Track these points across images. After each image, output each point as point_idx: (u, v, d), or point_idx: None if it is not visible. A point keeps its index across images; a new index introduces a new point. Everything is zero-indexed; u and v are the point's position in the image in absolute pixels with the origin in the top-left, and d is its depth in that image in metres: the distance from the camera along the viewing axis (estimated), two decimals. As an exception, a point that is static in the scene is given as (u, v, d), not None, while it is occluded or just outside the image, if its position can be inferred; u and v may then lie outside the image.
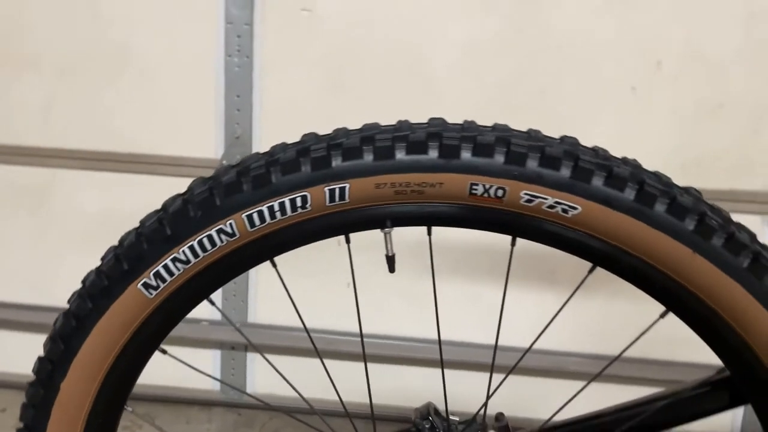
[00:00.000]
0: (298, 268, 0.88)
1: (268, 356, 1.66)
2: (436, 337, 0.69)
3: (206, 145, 1.58)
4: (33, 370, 0.62)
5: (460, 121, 0.56)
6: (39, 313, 1.61)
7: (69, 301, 0.60)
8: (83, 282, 0.59)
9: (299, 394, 0.78)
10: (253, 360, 1.71)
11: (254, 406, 1.66)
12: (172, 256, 0.55)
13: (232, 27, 1.52)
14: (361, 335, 0.69)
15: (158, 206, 0.59)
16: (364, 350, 0.68)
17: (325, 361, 0.75)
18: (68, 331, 0.58)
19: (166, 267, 0.56)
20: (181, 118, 1.57)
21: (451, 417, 0.68)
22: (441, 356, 0.67)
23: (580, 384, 0.69)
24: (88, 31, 1.53)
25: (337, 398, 0.74)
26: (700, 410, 0.65)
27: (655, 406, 0.66)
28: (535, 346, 0.69)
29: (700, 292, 0.54)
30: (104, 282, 0.57)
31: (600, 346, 1.52)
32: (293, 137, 0.60)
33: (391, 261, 0.59)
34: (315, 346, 0.74)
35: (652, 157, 0.70)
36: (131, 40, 1.53)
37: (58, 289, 0.72)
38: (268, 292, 1.64)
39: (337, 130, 0.57)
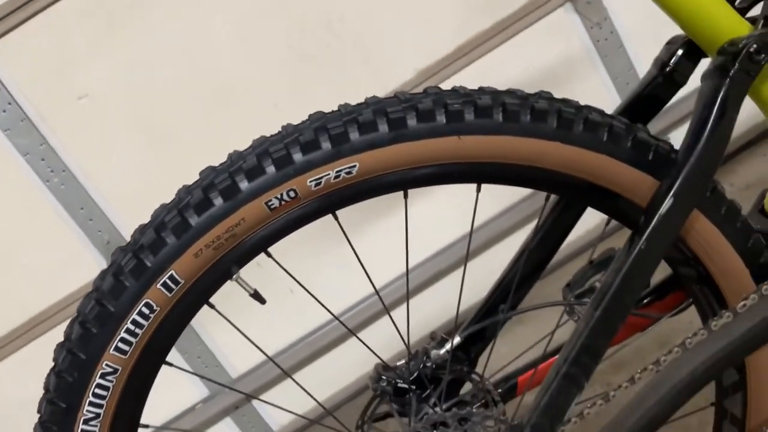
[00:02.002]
0: (240, 303, 0.93)
1: (268, 393, 1.73)
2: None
3: (89, 266, 1.57)
4: None
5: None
6: None
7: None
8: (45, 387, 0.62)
9: (310, 395, 0.81)
10: (260, 405, 1.76)
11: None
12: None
13: (30, 156, 1.48)
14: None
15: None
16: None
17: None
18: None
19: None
20: (51, 261, 1.54)
21: (397, 364, 0.76)
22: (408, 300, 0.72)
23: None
24: None
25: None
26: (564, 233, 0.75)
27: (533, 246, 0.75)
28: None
29: (536, 163, 0.61)
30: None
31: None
32: (150, 204, 0.62)
33: (257, 296, 0.63)
34: (280, 366, 0.79)
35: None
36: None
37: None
38: (231, 345, 1.67)
39: (133, 236, 0.60)
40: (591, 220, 0.78)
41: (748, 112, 0.63)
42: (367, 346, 0.77)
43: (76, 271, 1.55)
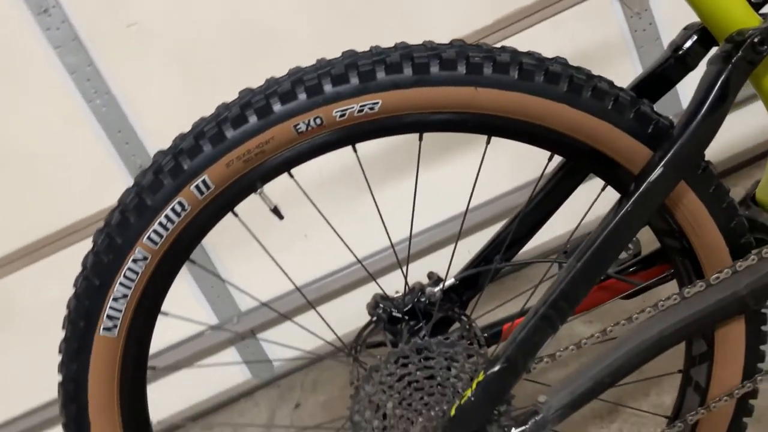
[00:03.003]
0: (255, 246, 1.00)
1: (270, 330, 1.82)
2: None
3: (120, 187, 1.65)
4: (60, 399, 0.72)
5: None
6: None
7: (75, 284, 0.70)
8: (83, 264, 0.68)
9: (298, 289, 0.86)
10: (266, 338, 1.86)
11: (284, 375, 1.82)
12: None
13: (77, 75, 1.56)
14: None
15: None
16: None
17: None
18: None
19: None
20: (86, 177, 1.63)
21: (395, 294, 0.83)
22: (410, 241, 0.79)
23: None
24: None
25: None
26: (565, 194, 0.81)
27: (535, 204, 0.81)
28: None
29: (543, 122, 0.67)
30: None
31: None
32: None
33: (276, 211, 0.70)
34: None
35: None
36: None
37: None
38: (244, 281, 1.75)
39: (174, 141, 0.67)
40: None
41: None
42: (372, 277, 0.84)
43: (108, 190, 1.64)
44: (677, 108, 1.63)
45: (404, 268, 0.78)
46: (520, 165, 1.58)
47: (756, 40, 0.63)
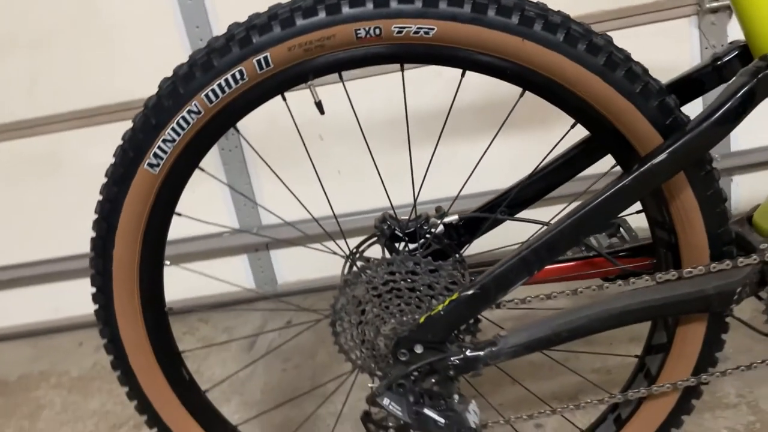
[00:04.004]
0: (293, 168, 1.09)
1: (284, 250, 1.93)
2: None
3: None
4: (91, 249, 0.85)
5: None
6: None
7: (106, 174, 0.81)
8: (145, 105, 0.78)
9: (307, 210, 0.94)
10: (276, 257, 1.96)
11: (287, 293, 1.93)
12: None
13: (173, -34, 1.66)
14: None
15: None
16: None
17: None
18: (109, 209, 0.80)
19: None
20: (155, 62, 1.74)
21: (402, 217, 0.91)
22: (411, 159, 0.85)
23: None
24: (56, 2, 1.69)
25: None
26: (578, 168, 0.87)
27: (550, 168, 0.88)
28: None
29: (574, 88, 0.73)
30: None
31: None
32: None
33: (319, 105, 0.79)
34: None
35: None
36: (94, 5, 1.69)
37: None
38: (272, 197, 1.85)
39: (250, 17, 0.75)
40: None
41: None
42: (388, 197, 0.92)
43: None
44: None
45: (415, 195, 0.86)
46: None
47: (785, 62, 0.68)
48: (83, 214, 0.88)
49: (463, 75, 0.77)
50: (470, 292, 0.77)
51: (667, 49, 1.72)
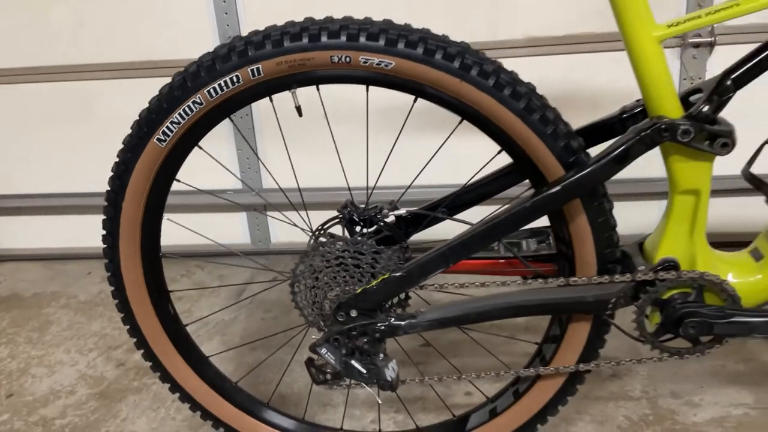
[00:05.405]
0: (296, 144, 1.26)
1: (280, 213, 2.13)
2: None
3: (206, 47, 1.95)
4: (105, 199, 1.05)
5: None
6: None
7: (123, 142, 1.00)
8: (161, 91, 0.95)
9: (276, 182, 1.15)
10: (273, 219, 2.17)
11: (278, 252, 2.14)
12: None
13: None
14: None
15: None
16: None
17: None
18: (122, 170, 1.00)
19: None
20: (183, 28, 1.93)
21: (361, 205, 1.10)
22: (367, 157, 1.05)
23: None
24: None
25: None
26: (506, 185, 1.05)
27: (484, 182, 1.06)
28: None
29: (499, 124, 0.90)
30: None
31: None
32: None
33: (299, 109, 0.97)
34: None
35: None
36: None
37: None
38: (275, 163, 2.04)
39: (250, 33, 0.93)
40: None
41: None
42: (348, 186, 1.11)
43: (196, 48, 1.93)
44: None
45: (369, 192, 1.05)
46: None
47: (662, 128, 0.85)
48: (107, 158, 1.08)
49: (415, 101, 0.95)
50: (398, 274, 0.96)
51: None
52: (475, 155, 1.06)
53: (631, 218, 1.70)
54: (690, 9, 1.79)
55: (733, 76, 0.86)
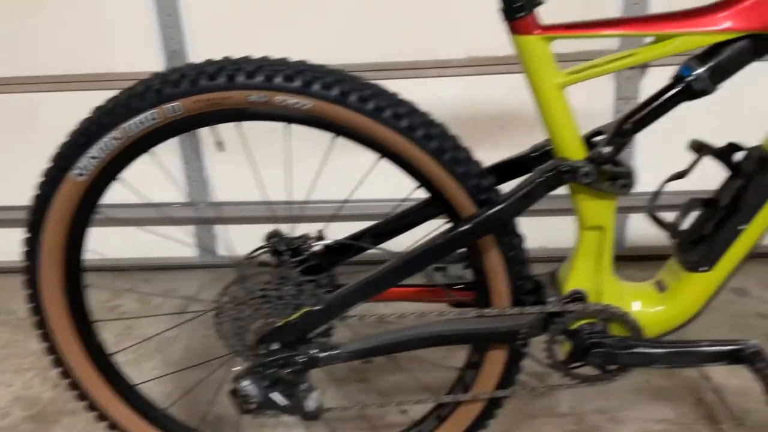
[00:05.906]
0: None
1: (228, 227, 2.13)
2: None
3: (150, 60, 1.94)
4: (24, 232, 1.04)
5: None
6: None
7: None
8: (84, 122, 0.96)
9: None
10: (220, 230, 2.17)
11: (227, 265, 2.14)
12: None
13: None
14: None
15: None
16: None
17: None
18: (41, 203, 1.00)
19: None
20: (126, 40, 1.91)
21: (287, 236, 1.11)
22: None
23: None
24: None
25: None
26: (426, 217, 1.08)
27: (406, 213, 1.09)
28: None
29: (414, 162, 0.93)
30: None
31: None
32: (220, 47, 0.95)
33: (219, 145, 0.98)
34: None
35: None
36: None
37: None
38: (222, 178, 2.04)
39: (170, 70, 0.94)
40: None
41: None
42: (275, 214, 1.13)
43: (139, 58, 1.92)
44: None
45: (294, 225, 1.07)
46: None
47: (563, 170, 0.89)
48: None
49: (334, 138, 0.97)
50: (317, 308, 0.98)
51: (587, 97, 1.91)
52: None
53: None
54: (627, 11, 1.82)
55: (632, 119, 0.90)
